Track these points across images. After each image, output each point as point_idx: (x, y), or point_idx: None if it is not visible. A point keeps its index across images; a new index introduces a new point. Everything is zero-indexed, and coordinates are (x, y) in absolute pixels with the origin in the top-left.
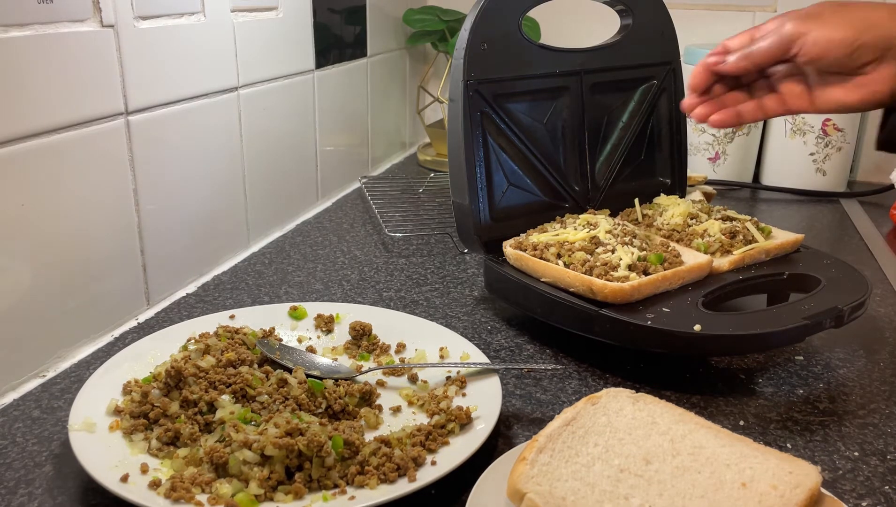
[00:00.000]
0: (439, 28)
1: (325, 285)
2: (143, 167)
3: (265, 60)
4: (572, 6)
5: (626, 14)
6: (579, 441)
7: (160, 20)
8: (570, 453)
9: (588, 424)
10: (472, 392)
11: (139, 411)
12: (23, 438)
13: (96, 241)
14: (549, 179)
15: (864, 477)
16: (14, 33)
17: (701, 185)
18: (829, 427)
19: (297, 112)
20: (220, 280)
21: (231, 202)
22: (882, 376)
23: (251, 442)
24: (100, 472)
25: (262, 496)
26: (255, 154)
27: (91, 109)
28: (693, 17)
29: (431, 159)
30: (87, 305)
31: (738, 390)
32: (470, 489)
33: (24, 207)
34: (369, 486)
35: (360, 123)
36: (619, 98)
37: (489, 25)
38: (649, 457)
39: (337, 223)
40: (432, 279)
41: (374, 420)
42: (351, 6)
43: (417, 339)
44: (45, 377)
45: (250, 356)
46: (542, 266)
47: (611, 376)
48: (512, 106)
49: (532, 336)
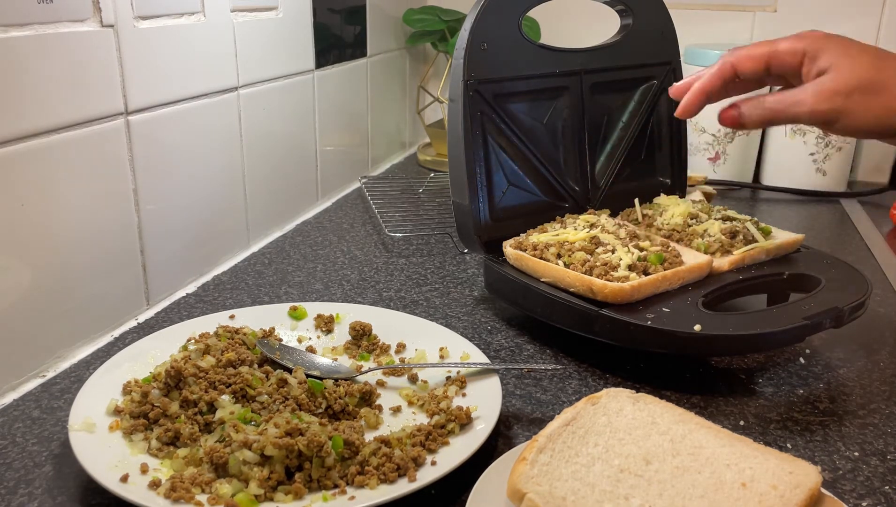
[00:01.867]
0: (439, 28)
1: (325, 285)
2: (143, 167)
3: (265, 60)
4: (572, 6)
5: (626, 14)
6: (579, 441)
7: (160, 20)
8: (570, 453)
9: (588, 424)
10: (472, 392)
11: (139, 412)
12: (23, 438)
13: (96, 241)
14: (549, 179)
15: (864, 477)
16: (14, 33)
17: (701, 185)
18: (829, 427)
19: (297, 112)
20: (220, 280)
21: (231, 202)
22: (882, 376)
23: (251, 442)
24: (100, 472)
25: (262, 496)
26: (255, 154)
27: (91, 109)
28: (693, 17)
29: (431, 159)
30: (87, 305)
31: (738, 390)
32: (470, 489)
33: (24, 207)
34: (369, 486)
35: (360, 123)
36: (619, 98)
37: (489, 25)
38: (649, 457)
39: (337, 223)
40: (432, 279)
41: (374, 420)
42: (351, 6)
43: (417, 339)
44: (44, 377)
45: (250, 356)
46: (542, 266)
47: (611, 376)
48: (512, 106)
49: (532, 336)
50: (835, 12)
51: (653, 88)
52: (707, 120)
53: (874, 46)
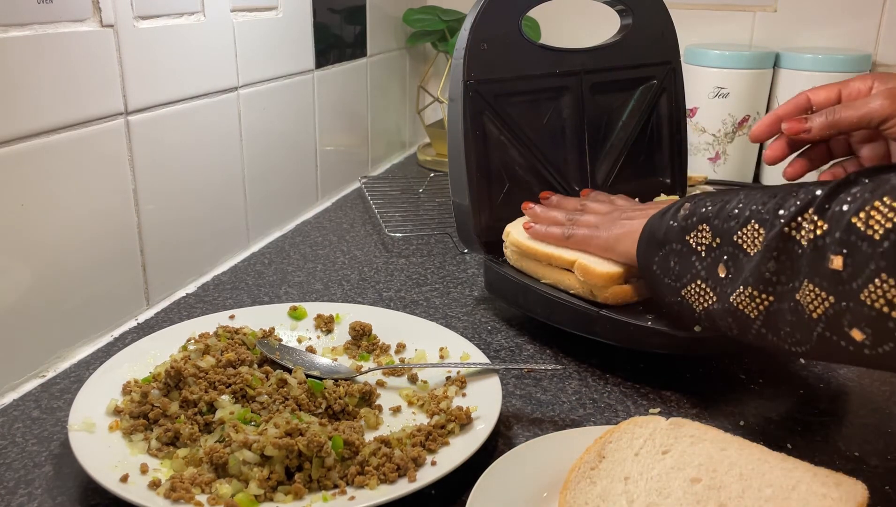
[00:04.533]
0: (439, 28)
1: (324, 285)
2: (143, 167)
3: (265, 60)
4: (572, 6)
5: (626, 14)
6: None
7: (160, 20)
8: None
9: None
10: (472, 392)
11: (139, 412)
12: (22, 438)
13: (96, 241)
14: (549, 179)
15: (864, 477)
16: (14, 33)
17: (701, 185)
18: (829, 427)
19: (296, 112)
20: (220, 280)
21: (231, 202)
22: (882, 376)
23: (251, 442)
24: (99, 472)
25: (262, 496)
26: (255, 154)
27: (91, 109)
28: (693, 17)
29: (431, 159)
30: (87, 305)
31: (738, 390)
32: (470, 489)
33: (23, 207)
34: (369, 486)
35: (360, 123)
36: (619, 98)
37: (489, 25)
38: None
39: (337, 223)
40: (432, 279)
41: (374, 420)
42: (351, 6)
43: (417, 339)
44: (44, 377)
45: (250, 356)
46: (543, 267)
47: (611, 376)
48: (512, 106)
49: (532, 336)
50: (835, 12)
51: (653, 88)
52: (707, 120)
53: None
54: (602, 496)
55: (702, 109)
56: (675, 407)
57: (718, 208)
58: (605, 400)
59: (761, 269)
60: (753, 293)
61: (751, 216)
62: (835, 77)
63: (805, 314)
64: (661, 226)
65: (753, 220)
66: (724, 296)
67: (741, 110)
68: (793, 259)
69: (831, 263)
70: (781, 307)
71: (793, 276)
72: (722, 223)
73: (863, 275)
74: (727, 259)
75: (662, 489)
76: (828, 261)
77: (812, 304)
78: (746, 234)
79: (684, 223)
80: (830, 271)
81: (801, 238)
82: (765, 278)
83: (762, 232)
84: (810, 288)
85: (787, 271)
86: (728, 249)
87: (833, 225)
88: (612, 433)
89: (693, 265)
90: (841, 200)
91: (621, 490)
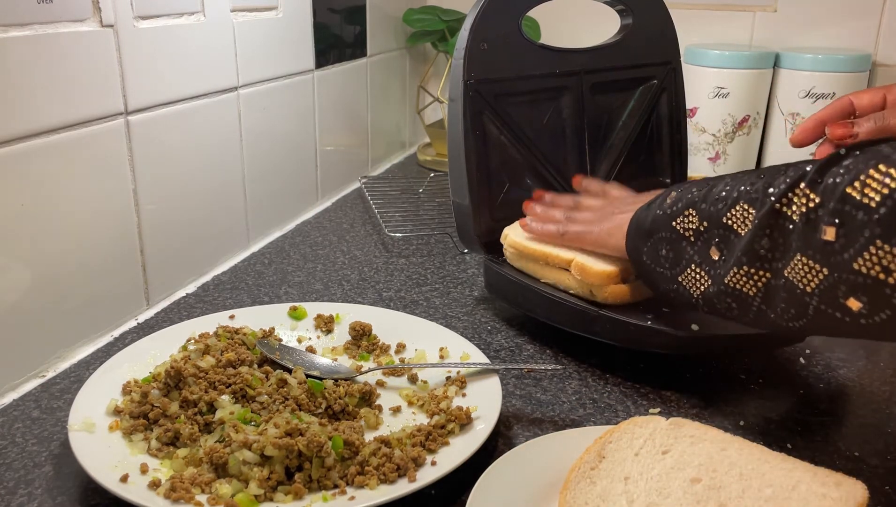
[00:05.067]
0: (439, 28)
1: (324, 285)
2: (143, 167)
3: (265, 60)
4: (572, 6)
5: (626, 14)
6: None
7: (160, 20)
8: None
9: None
10: (472, 392)
11: (139, 412)
12: (22, 438)
13: (96, 241)
14: (549, 178)
15: (864, 477)
16: (14, 33)
17: None
18: (829, 427)
19: (296, 112)
20: (220, 280)
21: (231, 202)
22: (882, 377)
23: (251, 442)
24: (99, 472)
25: (262, 496)
26: (255, 154)
27: (91, 109)
28: (693, 17)
29: (431, 159)
30: (87, 305)
31: (738, 390)
32: (470, 489)
33: (24, 207)
34: (369, 486)
35: (360, 123)
36: (619, 98)
37: (489, 25)
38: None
39: (337, 223)
40: (432, 279)
41: (374, 420)
42: (351, 6)
43: (417, 339)
44: (44, 377)
45: (250, 356)
46: (542, 267)
47: (611, 376)
48: (512, 106)
49: (532, 336)
50: (835, 12)
51: (653, 88)
52: (707, 120)
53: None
54: (602, 496)
55: (702, 109)
56: (675, 407)
57: (705, 193)
58: (605, 400)
59: (755, 246)
60: (750, 271)
61: (739, 197)
62: (835, 77)
63: (798, 289)
64: (647, 216)
65: (742, 200)
66: (719, 278)
67: (741, 110)
68: (785, 235)
69: (824, 234)
70: (779, 284)
71: (786, 251)
72: (709, 207)
73: (857, 244)
74: (719, 241)
75: (662, 489)
76: (820, 232)
77: (806, 278)
78: (736, 214)
79: (670, 211)
80: (822, 243)
81: (792, 213)
82: (759, 256)
83: (752, 211)
84: (803, 261)
85: (781, 248)
86: (718, 231)
87: (826, 197)
88: (612, 433)
89: (685, 251)
90: (833, 172)
91: (621, 490)
